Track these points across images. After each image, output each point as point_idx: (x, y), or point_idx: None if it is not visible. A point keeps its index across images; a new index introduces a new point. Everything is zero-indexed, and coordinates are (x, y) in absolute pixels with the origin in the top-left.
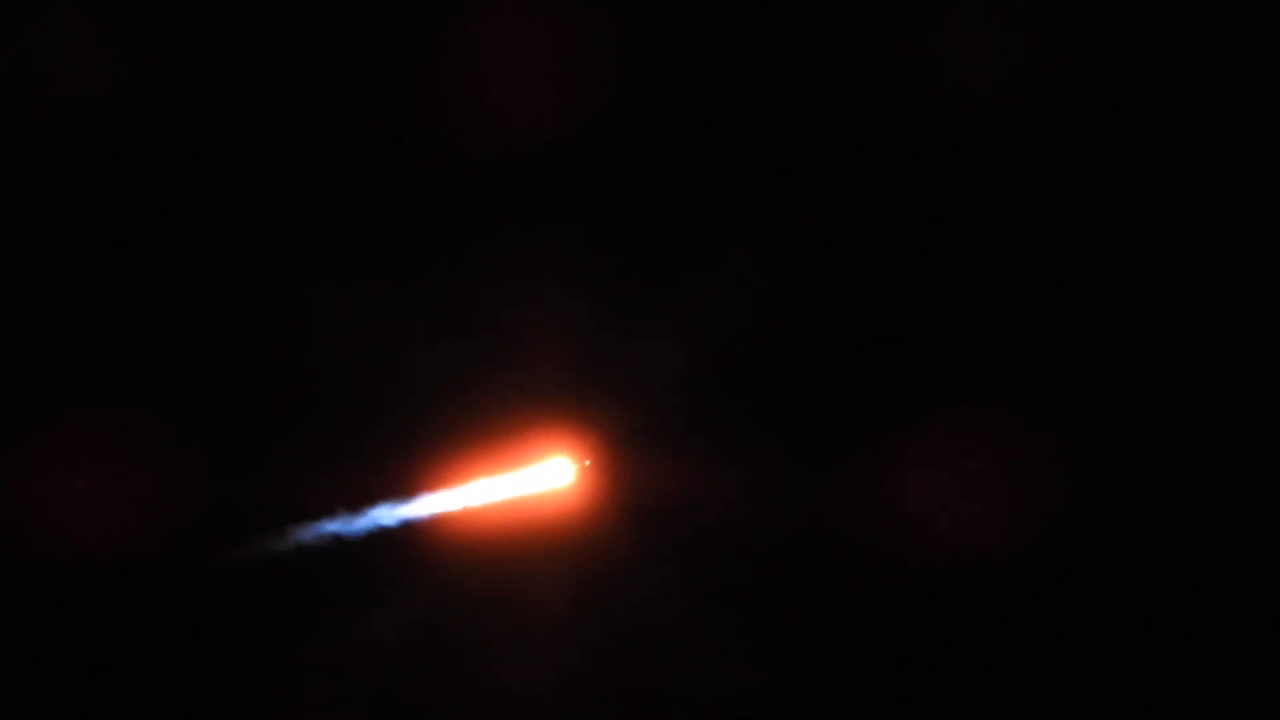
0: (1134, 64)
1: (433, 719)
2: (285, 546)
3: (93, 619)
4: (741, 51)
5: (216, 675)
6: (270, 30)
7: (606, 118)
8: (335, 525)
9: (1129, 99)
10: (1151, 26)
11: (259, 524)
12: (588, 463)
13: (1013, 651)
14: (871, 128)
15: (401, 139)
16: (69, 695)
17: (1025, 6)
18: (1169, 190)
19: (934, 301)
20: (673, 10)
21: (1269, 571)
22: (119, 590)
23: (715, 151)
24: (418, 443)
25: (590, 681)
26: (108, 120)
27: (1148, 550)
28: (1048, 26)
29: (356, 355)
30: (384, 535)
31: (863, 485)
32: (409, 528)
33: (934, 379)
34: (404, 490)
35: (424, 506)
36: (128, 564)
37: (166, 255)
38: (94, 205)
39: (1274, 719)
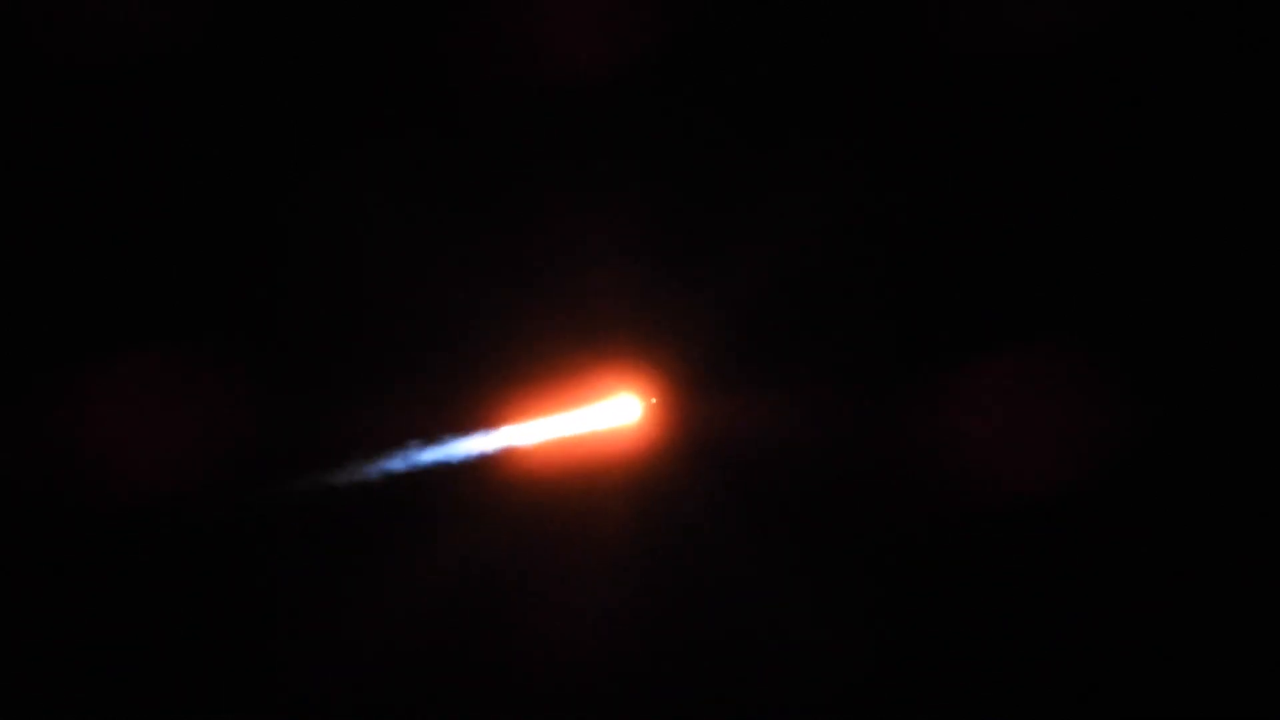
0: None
1: (490, 658)
2: (344, 480)
3: (141, 555)
4: None
5: (265, 614)
6: None
7: (673, 52)
8: (396, 460)
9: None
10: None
11: (317, 458)
12: (654, 400)
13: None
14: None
15: (466, 72)
16: (116, 632)
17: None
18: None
19: (995, 240)
20: None
21: None
22: (169, 526)
23: (779, 91)
24: (479, 379)
25: (651, 621)
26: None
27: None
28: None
29: (418, 290)
30: (445, 471)
31: (928, 422)
32: (470, 463)
33: (995, 316)
34: (465, 426)
35: (485, 443)
36: (178, 499)
37: (226, 185)
38: (140, 137)
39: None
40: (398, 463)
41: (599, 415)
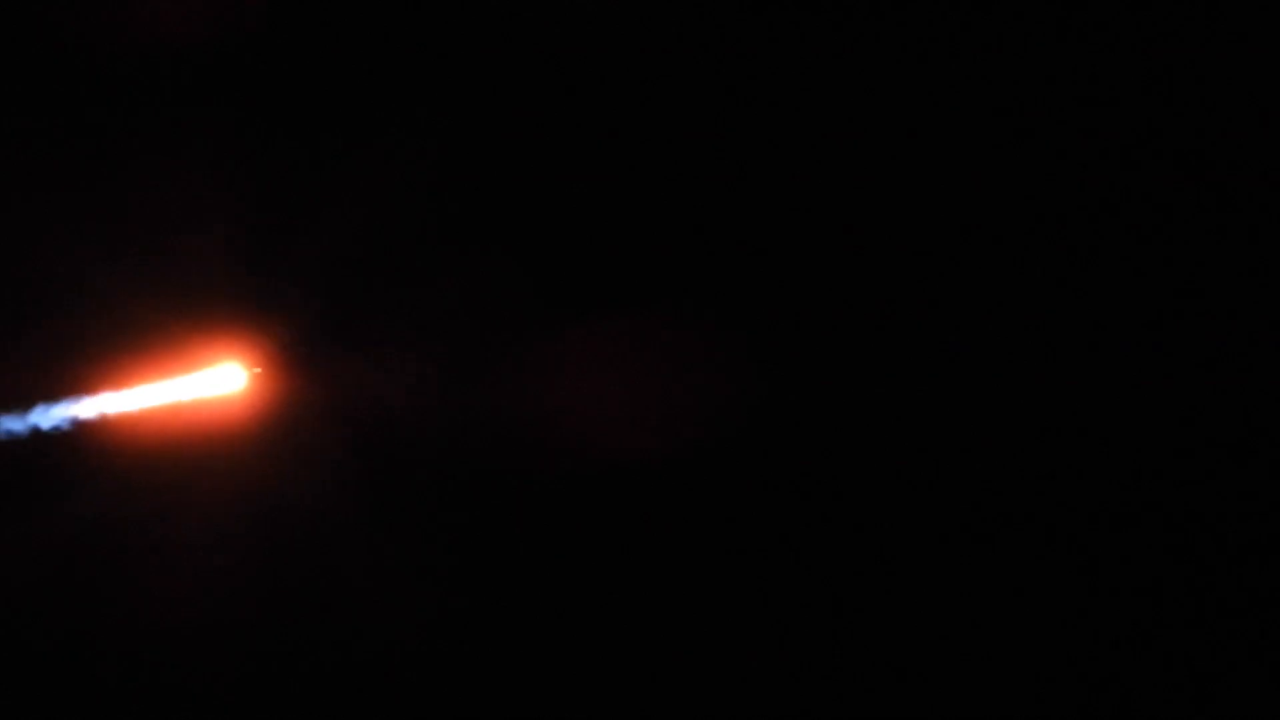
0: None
1: (94, 625)
2: None
3: None
4: None
5: None
6: None
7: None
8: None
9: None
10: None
11: None
12: (258, 370)
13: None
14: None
15: (63, 47)
16: None
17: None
18: None
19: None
20: None
21: None
22: None
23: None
24: (84, 345)
25: (257, 588)
26: None
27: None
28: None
29: (25, 259)
30: (50, 436)
31: (532, 377)
32: (75, 429)
33: (597, 285)
34: (69, 391)
35: (90, 408)
36: None
37: None
38: None
39: None
40: (4, 425)
41: (204, 383)
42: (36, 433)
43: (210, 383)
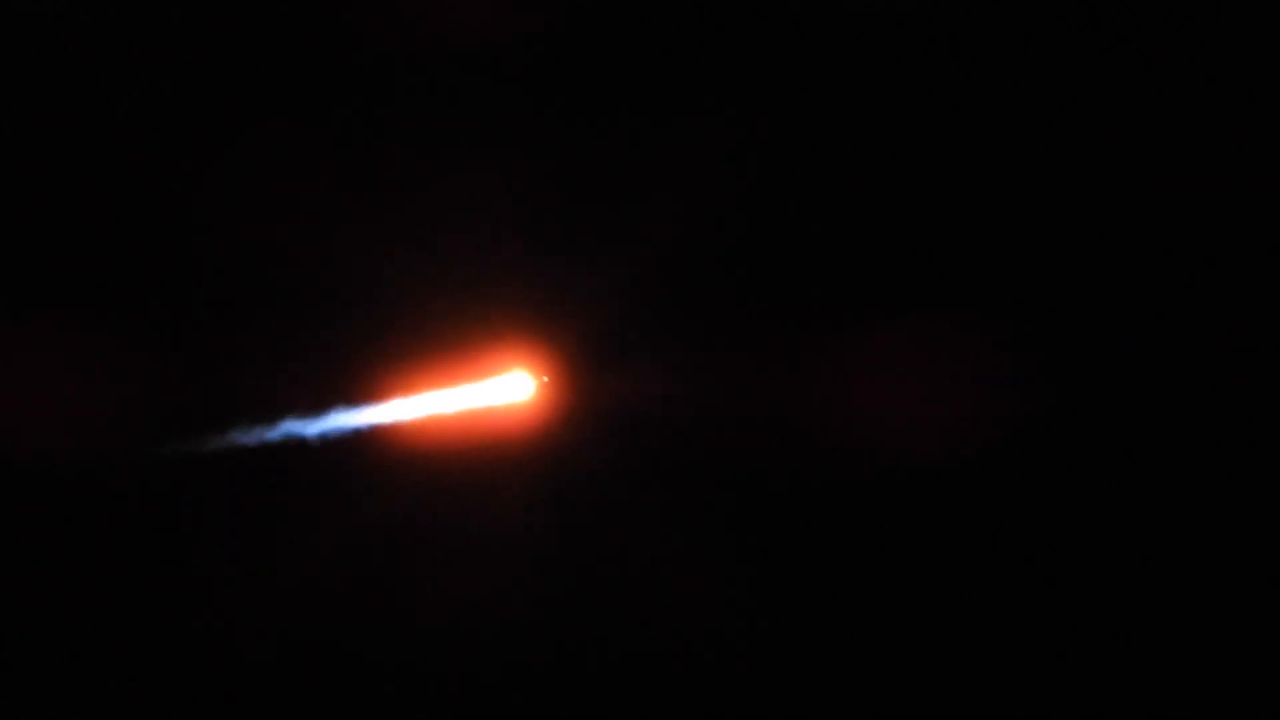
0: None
1: (385, 633)
2: (237, 446)
3: (50, 517)
4: None
5: (168, 576)
6: None
7: (565, 27)
8: (290, 428)
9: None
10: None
11: (217, 423)
12: (546, 378)
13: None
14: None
15: (358, 49)
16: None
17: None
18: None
19: (890, 205)
20: None
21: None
22: (75, 489)
23: (666, 65)
24: (373, 352)
25: (551, 600)
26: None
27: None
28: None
29: (315, 262)
30: (340, 441)
31: (823, 387)
32: (365, 434)
33: (897, 280)
34: (359, 397)
35: (380, 414)
36: (80, 462)
37: (128, 158)
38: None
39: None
40: (289, 431)
41: (493, 391)
42: (326, 438)
43: (499, 390)
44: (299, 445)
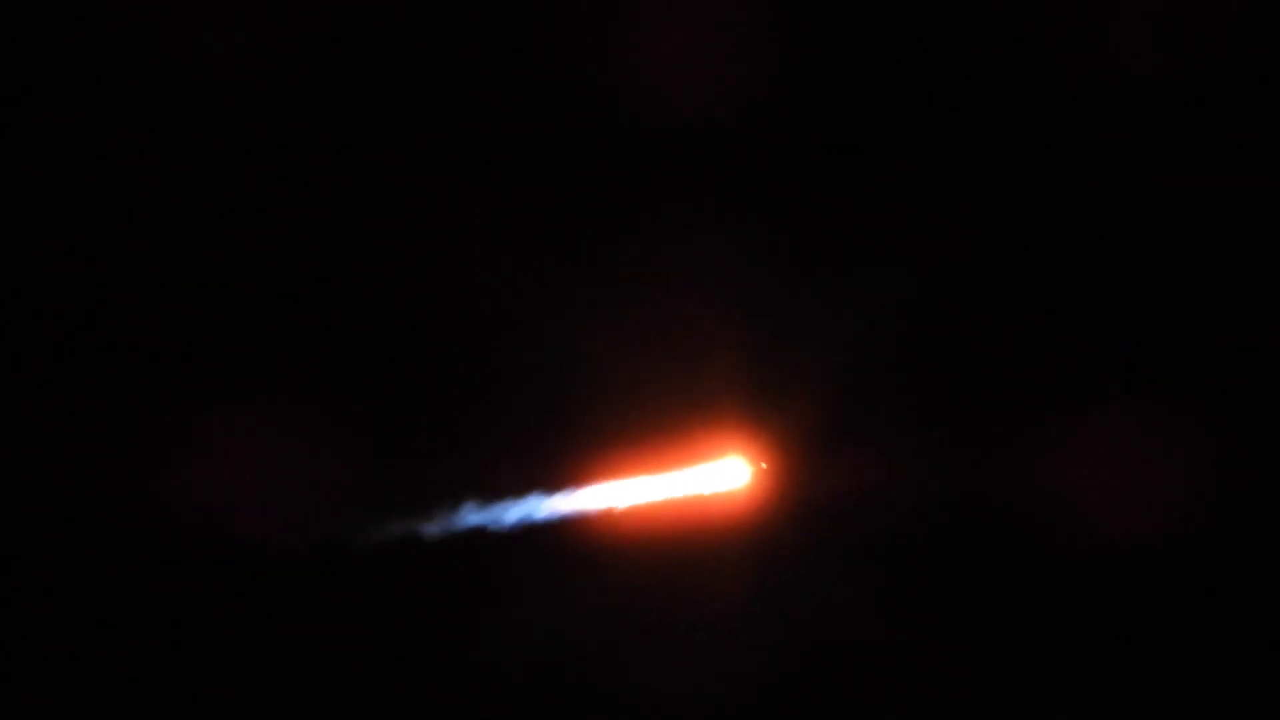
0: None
1: (595, 715)
2: (452, 530)
3: (248, 599)
4: (896, 54)
5: (372, 655)
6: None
7: (772, 124)
8: (505, 512)
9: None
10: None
11: (429, 507)
12: (764, 465)
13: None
14: (1015, 131)
15: (578, 137)
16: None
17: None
18: None
19: (1086, 295)
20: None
21: None
22: (277, 571)
23: (870, 157)
24: (585, 434)
25: (769, 685)
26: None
27: None
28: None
29: (532, 348)
30: (553, 526)
31: (1031, 476)
32: (578, 520)
33: (1093, 370)
34: (575, 482)
35: (595, 499)
36: (288, 546)
37: (336, 241)
38: (254, 192)
39: None
40: (506, 514)
41: (708, 478)
42: (535, 523)
43: (715, 477)
44: (508, 531)
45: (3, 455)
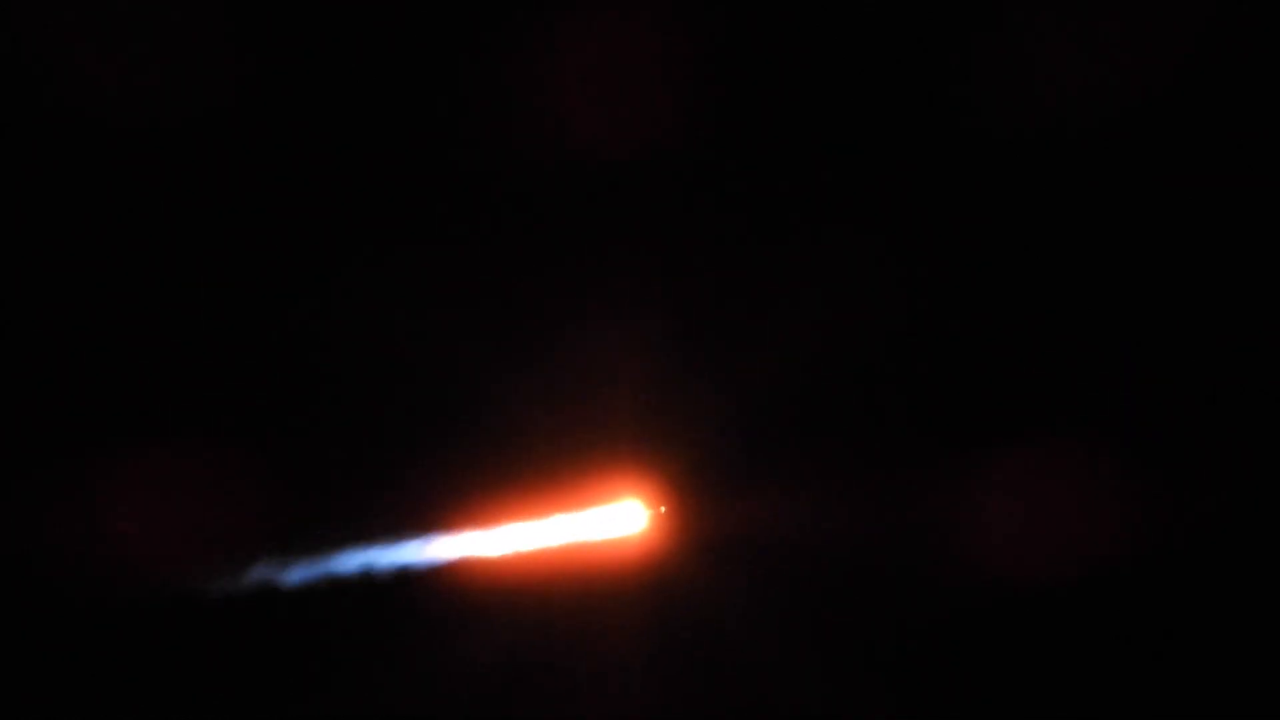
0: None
1: None
2: (344, 569)
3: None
4: (806, 74)
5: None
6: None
7: (671, 146)
8: (395, 552)
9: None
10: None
11: (323, 544)
12: (662, 507)
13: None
14: (923, 154)
15: (473, 160)
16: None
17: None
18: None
19: (987, 326)
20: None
21: None
22: (171, 605)
23: (770, 189)
24: (477, 474)
25: None
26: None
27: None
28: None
29: (424, 382)
30: (439, 570)
31: (929, 511)
32: (465, 564)
33: (987, 404)
34: (462, 524)
35: (483, 543)
36: (181, 580)
37: (237, 273)
38: (159, 218)
39: None
40: (394, 556)
41: (604, 521)
42: (425, 566)
43: (611, 520)
44: (395, 574)
45: None
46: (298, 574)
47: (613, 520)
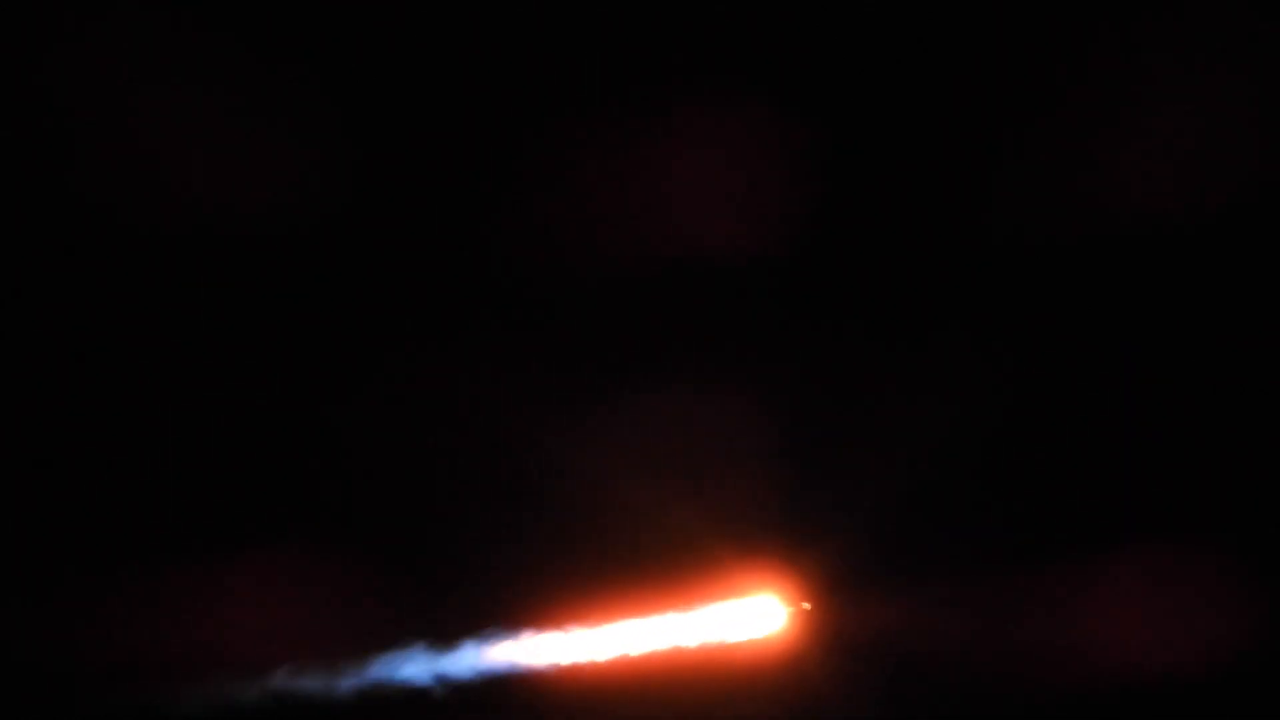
0: None
1: None
2: (466, 670)
3: None
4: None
5: None
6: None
7: (804, 252)
8: (520, 651)
9: None
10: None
11: (439, 645)
12: (806, 605)
13: None
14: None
15: (596, 259)
16: None
17: None
18: None
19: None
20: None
21: None
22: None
23: (899, 292)
24: (610, 570)
25: None
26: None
27: None
28: None
29: (560, 481)
30: (562, 671)
31: (1070, 615)
32: (591, 665)
33: (1116, 510)
34: (587, 621)
35: (617, 641)
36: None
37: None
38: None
39: None
40: (523, 654)
41: (740, 619)
42: (554, 665)
43: (747, 618)
44: (519, 675)
45: None
46: (412, 672)
47: (748, 618)
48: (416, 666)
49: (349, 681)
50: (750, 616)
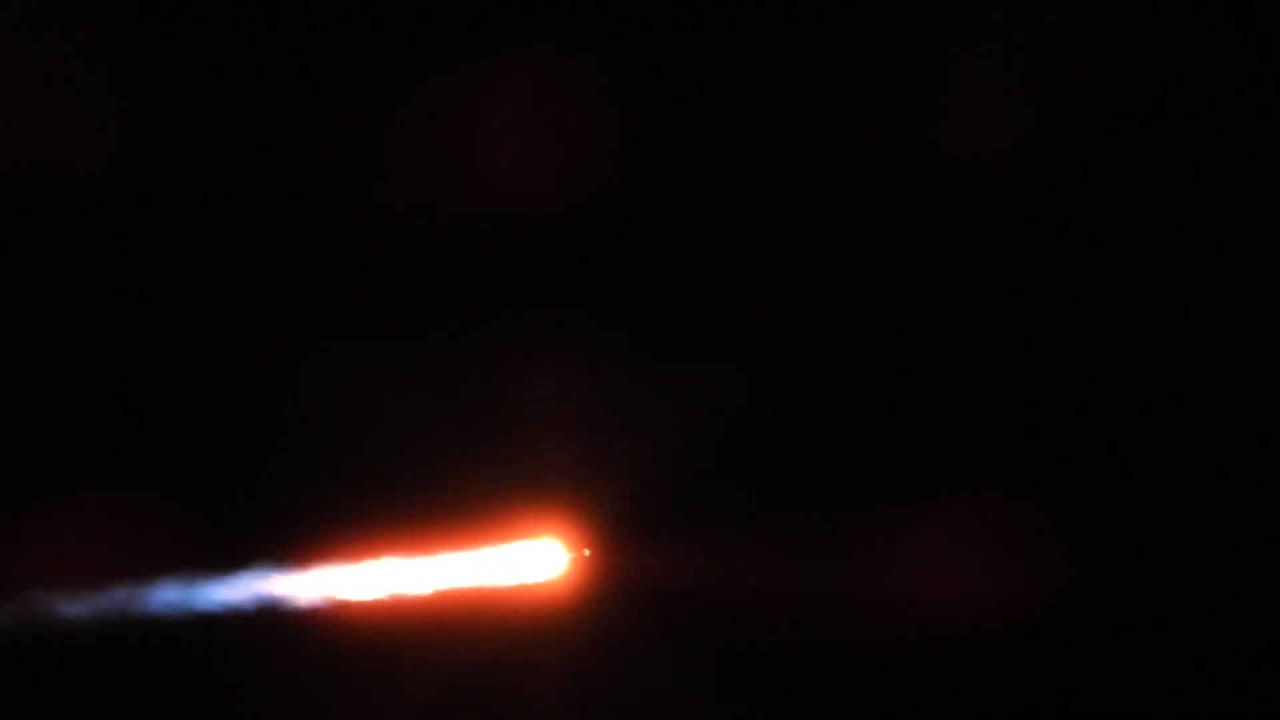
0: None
1: None
2: (229, 608)
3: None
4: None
5: None
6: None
7: (605, 193)
8: (289, 587)
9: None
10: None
11: (209, 579)
12: (587, 551)
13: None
14: (863, 212)
15: (400, 207)
16: None
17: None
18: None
19: (923, 383)
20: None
21: None
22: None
23: (714, 232)
24: (388, 509)
25: None
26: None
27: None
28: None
29: (349, 425)
30: (335, 607)
31: (857, 564)
32: (374, 602)
33: (926, 460)
34: (364, 556)
35: (392, 580)
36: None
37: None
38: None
39: None
40: (297, 588)
41: (520, 562)
42: (330, 601)
43: (527, 563)
44: (299, 610)
45: None
46: (188, 602)
47: (528, 562)
48: (183, 596)
49: (110, 609)
50: (530, 560)
